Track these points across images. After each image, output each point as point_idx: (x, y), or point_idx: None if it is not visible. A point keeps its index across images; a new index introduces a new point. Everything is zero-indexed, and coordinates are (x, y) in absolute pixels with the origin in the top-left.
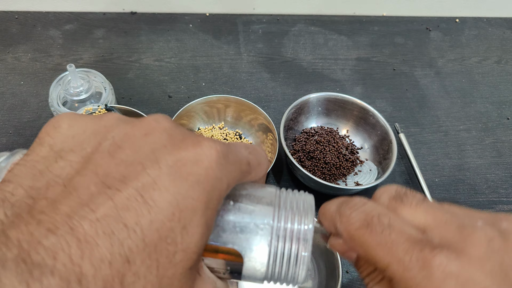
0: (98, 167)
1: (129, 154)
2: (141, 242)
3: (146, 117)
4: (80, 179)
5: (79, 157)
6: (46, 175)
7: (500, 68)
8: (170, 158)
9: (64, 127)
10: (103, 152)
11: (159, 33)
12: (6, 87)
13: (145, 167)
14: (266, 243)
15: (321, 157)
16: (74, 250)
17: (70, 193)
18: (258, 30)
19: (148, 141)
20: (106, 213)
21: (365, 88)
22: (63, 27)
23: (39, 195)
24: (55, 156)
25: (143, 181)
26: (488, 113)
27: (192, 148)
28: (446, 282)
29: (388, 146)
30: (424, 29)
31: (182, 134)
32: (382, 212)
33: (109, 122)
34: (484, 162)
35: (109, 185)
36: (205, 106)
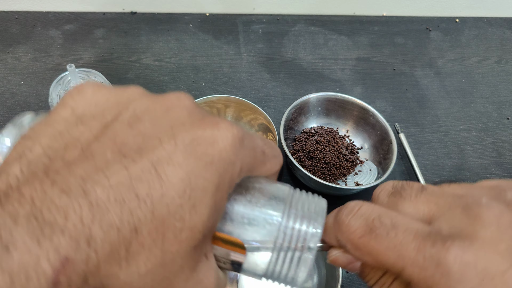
0: (116, 136)
1: (148, 127)
2: (150, 214)
3: (169, 94)
4: (97, 145)
5: (99, 124)
6: (65, 136)
7: (500, 68)
8: (187, 135)
9: (88, 93)
10: (122, 122)
11: (159, 33)
12: (6, 87)
13: (162, 141)
14: (271, 239)
15: (321, 157)
16: (85, 213)
17: (87, 157)
18: (258, 30)
19: (168, 116)
20: (119, 181)
21: (365, 88)
22: (63, 27)
23: (56, 155)
24: (76, 120)
25: (158, 155)
26: (488, 113)
27: (209, 128)
28: (465, 274)
29: (388, 146)
30: (424, 29)
31: (201, 113)
32: (382, 212)
33: (132, 94)
34: (484, 162)
35: (125, 154)
36: (205, 106)
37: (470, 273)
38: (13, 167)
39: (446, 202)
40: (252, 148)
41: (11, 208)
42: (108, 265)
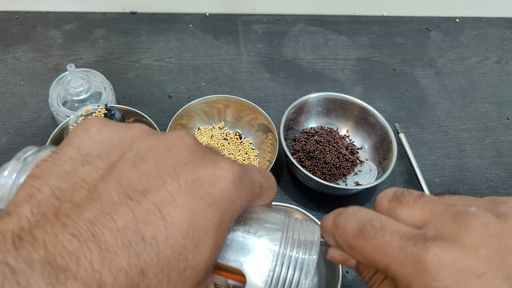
0: (121, 177)
1: (152, 167)
2: (156, 256)
3: (171, 132)
4: (104, 187)
5: (104, 163)
6: (73, 177)
7: (500, 68)
8: (189, 176)
9: (93, 131)
10: (127, 162)
11: (159, 33)
12: (6, 87)
13: (165, 182)
14: (269, 267)
15: (321, 157)
16: (95, 257)
17: (94, 199)
18: (258, 30)
19: (170, 156)
20: (126, 224)
21: (365, 88)
22: (63, 27)
23: (64, 197)
24: (82, 159)
25: (162, 196)
26: (488, 113)
27: (211, 168)
28: (441, 273)
29: (388, 146)
30: (424, 29)
31: (203, 152)
32: (374, 217)
33: (136, 133)
34: (484, 162)
35: (131, 196)
36: (205, 106)
37: (446, 272)
38: (23, 208)
39: (439, 210)
40: (251, 184)
41: (25, 252)
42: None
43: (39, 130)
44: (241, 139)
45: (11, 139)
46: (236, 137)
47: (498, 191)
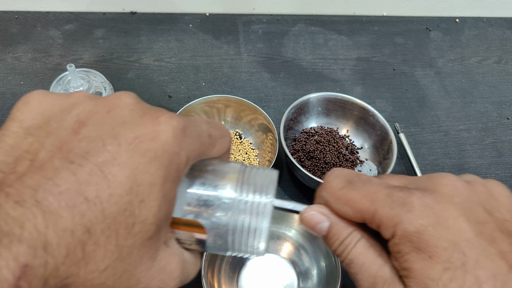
0: (62, 143)
1: (91, 131)
2: (101, 214)
3: (110, 95)
4: (45, 154)
5: (45, 132)
6: (16, 150)
7: (500, 68)
8: (129, 134)
9: (33, 103)
10: (67, 129)
11: (159, 33)
12: (6, 87)
13: (105, 143)
14: (227, 216)
15: (321, 157)
16: (39, 220)
17: (36, 168)
18: (258, 30)
19: (110, 117)
20: (68, 187)
21: (365, 88)
22: (63, 27)
23: (9, 169)
24: (25, 132)
25: (103, 157)
26: (488, 113)
27: (150, 124)
28: (425, 212)
29: (388, 146)
30: (424, 29)
31: (142, 110)
32: (360, 173)
33: (76, 99)
34: (484, 162)
35: (72, 160)
36: (205, 106)
37: (428, 212)
38: None
39: (415, 178)
40: (197, 134)
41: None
42: (66, 266)
43: None
44: (241, 139)
45: None
46: (236, 137)
47: None
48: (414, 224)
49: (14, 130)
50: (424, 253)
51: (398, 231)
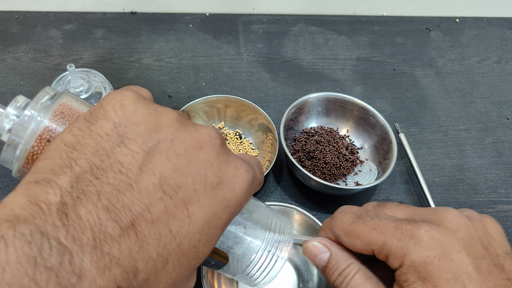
0: (156, 168)
1: (184, 164)
2: (177, 247)
3: (201, 129)
4: (141, 175)
5: (140, 149)
6: (109, 157)
7: (500, 68)
8: (214, 179)
9: (130, 110)
10: (162, 153)
11: (159, 33)
12: (6, 87)
13: (194, 182)
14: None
15: (321, 157)
16: (133, 245)
17: (132, 187)
18: (258, 30)
19: (201, 155)
20: (159, 217)
21: (365, 88)
22: (63, 27)
23: (103, 177)
24: (118, 139)
25: (190, 194)
26: (488, 113)
27: (231, 174)
28: (431, 244)
29: (388, 146)
30: (424, 29)
31: (227, 155)
32: (368, 208)
33: (170, 121)
34: (484, 162)
35: (165, 189)
36: (205, 106)
37: (435, 244)
38: (62, 179)
39: (419, 209)
40: (256, 186)
41: (74, 232)
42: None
43: None
44: (241, 139)
45: None
46: (236, 137)
47: (498, 191)
48: (421, 255)
49: (107, 131)
50: (430, 283)
51: (406, 261)
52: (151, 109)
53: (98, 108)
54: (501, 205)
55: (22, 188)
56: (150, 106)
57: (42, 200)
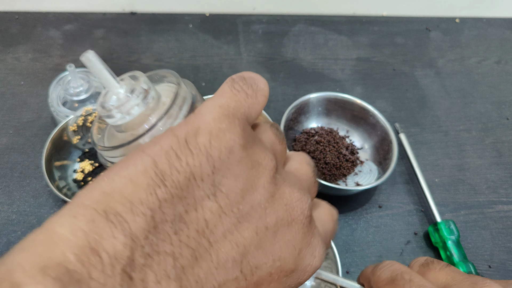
0: (242, 240)
1: (269, 242)
2: None
3: (294, 197)
4: (223, 244)
5: (230, 211)
6: (197, 211)
7: (500, 68)
8: (291, 266)
9: (235, 158)
10: (251, 223)
11: (159, 33)
12: (6, 87)
13: (273, 266)
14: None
15: (321, 157)
16: None
17: (211, 256)
18: (258, 30)
19: (287, 234)
20: None
21: (365, 88)
22: (63, 27)
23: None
24: (212, 190)
25: (264, 279)
26: (488, 113)
27: (308, 261)
28: None
29: (389, 146)
30: (424, 29)
31: (311, 235)
32: (405, 270)
33: (267, 183)
34: (484, 162)
35: (242, 268)
36: None
37: None
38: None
39: (460, 277)
40: None
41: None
42: None
43: (39, 130)
44: None
45: (11, 139)
46: None
47: (498, 191)
48: None
49: (203, 176)
50: None
51: None
52: (255, 161)
53: (202, 134)
54: (501, 205)
55: (83, 215)
56: (256, 155)
57: (106, 250)
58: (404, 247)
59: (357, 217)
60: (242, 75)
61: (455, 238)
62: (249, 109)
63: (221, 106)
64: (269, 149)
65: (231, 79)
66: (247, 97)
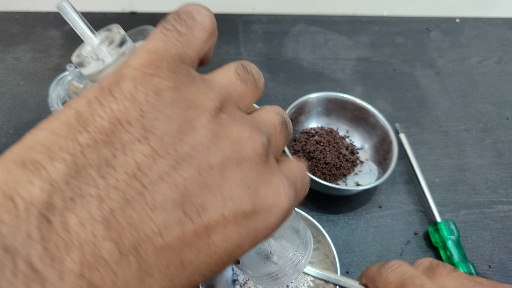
0: (181, 181)
1: (216, 181)
2: (186, 279)
3: (245, 135)
4: (159, 186)
5: (165, 152)
6: (126, 154)
7: (500, 68)
8: (249, 207)
9: (166, 100)
10: (191, 163)
11: None
12: (6, 87)
13: (224, 206)
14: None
15: (321, 157)
16: (132, 277)
17: (146, 198)
18: (258, 30)
19: (237, 172)
20: (171, 244)
21: (365, 88)
22: (63, 27)
23: (110, 177)
24: (141, 132)
25: (216, 220)
26: (488, 113)
27: (270, 201)
28: None
29: (389, 146)
30: (424, 29)
31: (270, 173)
32: (415, 274)
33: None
34: (484, 162)
35: (186, 210)
36: None
37: None
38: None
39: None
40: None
41: (55, 252)
42: None
43: None
44: None
45: (11, 139)
46: None
47: (498, 191)
48: None
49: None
50: None
51: None
52: (192, 102)
53: (127, 80)
54: (501, 205)
55: (0, 167)
56: (193, 96)
57: (21, 195)
58: (404, 247)
59: (357, 217)
60: (178, 10)
61: (455, 238)
62: (184, 48)
63: (148, 51)
64: (217, 89)
65: (165, 18)
66: (179, 35)
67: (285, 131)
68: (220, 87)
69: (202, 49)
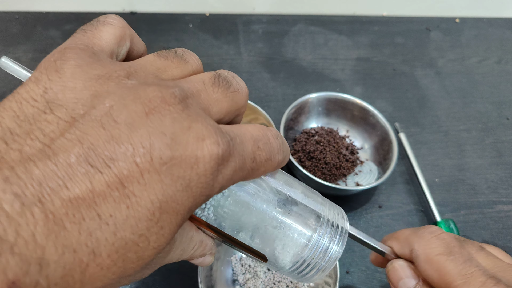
0: (85, 136)
1: (123, 132)
2: (111, 236)
3: (153, 86)
4: (62, 143)
5: (68, 116)
6: (30, 123)
7: (500, 68)
8: (165, 152)
9: (66, 75)
10: (95, 121)
11: (159, 33)
12: (6, 87)
13: (135, 154)
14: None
15: (321, 157)
16: (40, 228)
17: (48, 156)
18: (258, 30)
19: (147, 122)
20: (81, 196)
21: (365, 88)
22: (63, 27)
23: (14, 143)
24: (45, 105)
25: (129, 169)
26: (488, 113)
27: (192, 145)
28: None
29: (389, 146)
30: (424, 29)
31: (190, 120)
32: (463, 243)
33: (116, 88)
34: (484, 162)
35: (92, 162)
36: None
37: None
38: None
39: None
40: (240, 162)
41: None
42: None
43: None
44: None
45: None
46: None
47: (498, 191)
48: None
49: (35, 97)
50: None
51: None
52: (94, 74)
53: (36, 70)
54: (501, 205)
55: None
56: (96, 70)
57: None
58: None
59: (357, 217)
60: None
61: None
62: (91, 39)
63: (57, 48)
64: (127, 65)
65: None
66: (85, 32)
67: (219, 84)
68: (132, 64)
69: (111, 40)
